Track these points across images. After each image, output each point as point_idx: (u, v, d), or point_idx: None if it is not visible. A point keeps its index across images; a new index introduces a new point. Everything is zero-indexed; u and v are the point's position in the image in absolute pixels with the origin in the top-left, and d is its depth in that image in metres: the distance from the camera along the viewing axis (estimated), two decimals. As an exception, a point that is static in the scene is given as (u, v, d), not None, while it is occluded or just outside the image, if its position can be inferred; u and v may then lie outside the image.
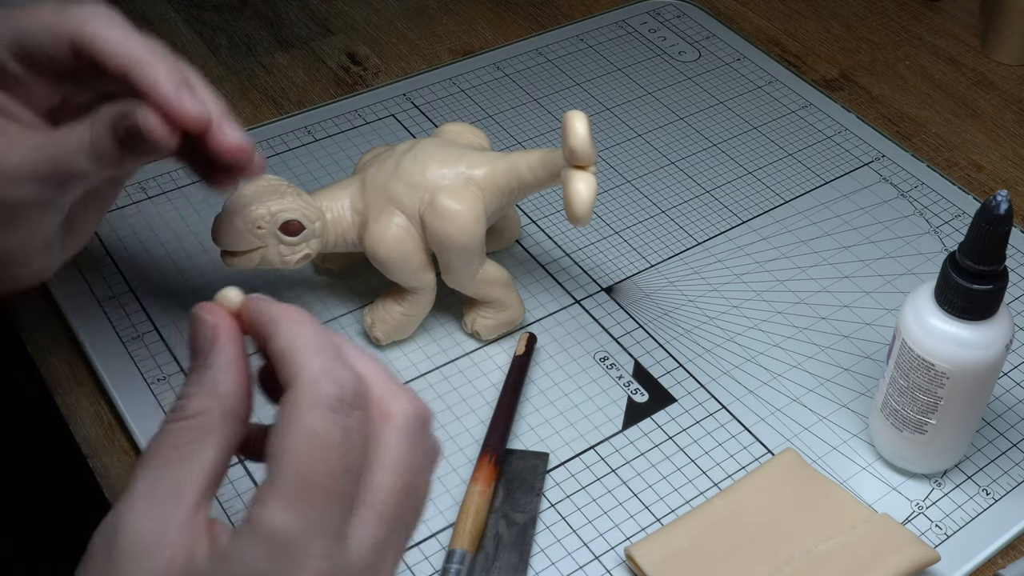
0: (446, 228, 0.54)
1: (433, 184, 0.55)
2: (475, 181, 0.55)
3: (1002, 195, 0.46)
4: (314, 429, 0.34)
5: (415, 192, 0.55)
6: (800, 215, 0.71)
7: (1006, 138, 0.79)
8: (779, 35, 0.89)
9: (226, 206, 0.53)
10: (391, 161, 0.56)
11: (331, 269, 0.62)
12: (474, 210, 0.55)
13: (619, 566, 0.51)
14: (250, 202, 0.53)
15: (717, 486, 0.55)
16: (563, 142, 0.54)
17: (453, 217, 0.54)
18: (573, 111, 0.54)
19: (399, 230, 0.55)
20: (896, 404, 0.53)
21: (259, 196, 0.53)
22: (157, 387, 0.58)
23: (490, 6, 0.90)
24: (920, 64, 0.86)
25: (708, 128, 0.78)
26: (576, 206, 0.53)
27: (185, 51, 0.84)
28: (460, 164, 0.56)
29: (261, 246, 0.54)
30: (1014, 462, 0.57)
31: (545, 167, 0.55)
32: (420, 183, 0.55)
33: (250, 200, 0.53)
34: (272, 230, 0.53)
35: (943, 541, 0.53)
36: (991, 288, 0.48)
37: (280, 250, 0.54)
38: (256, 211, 0.53)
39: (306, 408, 0.34)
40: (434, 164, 0.56)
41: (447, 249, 0.55)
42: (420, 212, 0.55)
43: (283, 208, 0.53)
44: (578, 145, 0.53)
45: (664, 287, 0.65)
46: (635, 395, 0.59)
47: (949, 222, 0.70)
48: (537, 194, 0.71)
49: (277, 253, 0.54)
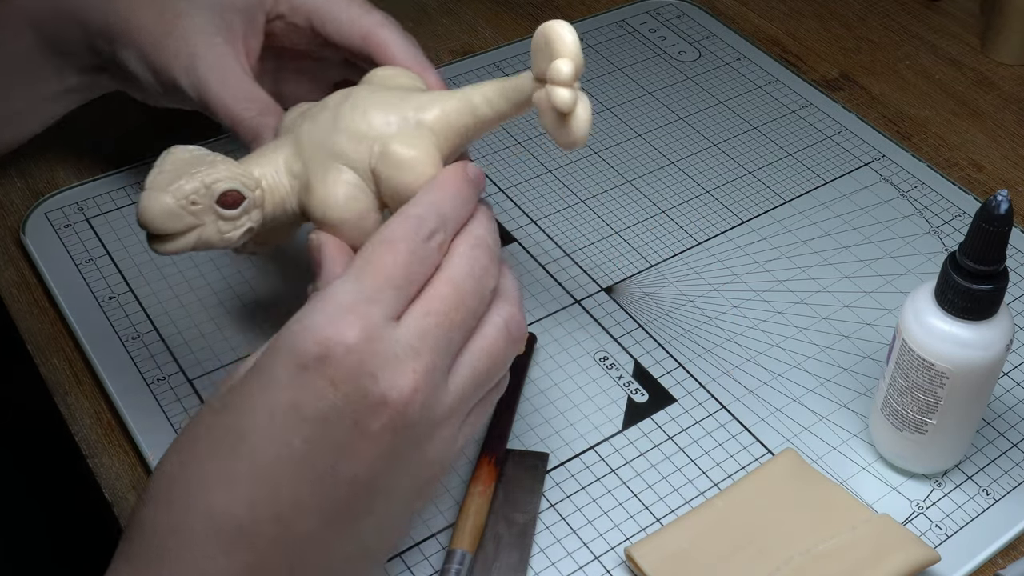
0: (403, 178, 0.47)
1: (381, 132, 0.48)
2: (427, 124, 0.48)
3: (1002, 195, 0.46)
4: (387, 235, 0.42)
5: (361, 144, 0.48)
6: (800, 215, 0.71)
7: (1006, 138, 0.79)
8: (779, 35, 0.89)
9: (148, 184, 0.45)
10: (326, 114, 0.49)
11: (254, 250, 0.54)
12: (430, 155, 0.48)
13: (619, 566, 0.51)
14: (178, 176, 0.45)
15: (717, 486, 0.55)
16: (540, 58, 0.45)
17: (410, 165, 0.47)
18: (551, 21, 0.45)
19: (350, 188, 0.48)
20: (896, 404, 0.53)
21: (184, 168, 0.46)
22: (157, 387, 0.58)
23: (490, 6, 0.90)
24: (920, 64, 0.86)
25: (708, 128, 0.78)
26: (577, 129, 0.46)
27: (185, 51, 0.84)
28: (407, 108, 0.48)
29: (197, 224, 0.46)
30: (1014, 462, 0.57)
31: (506, 97, 0.48)
32: (366, 133, 0.48)
33: (176, 174, 0.45)
34: (209, 204, 0.46)
35: (943, 541, 0.53)
36: (991, 288, 0.48)
37: (220, 227, 0.46)
38: (187, 184, 0.45)
39: (389, 226, 0.42)
40: (378, 111, 0.48)
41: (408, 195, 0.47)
42: (371, 165, 0.48)
43: (218, 178, 0.46)
44: (574, 54, 0.44)
45: (664, 287, 0.65)
46: (635, 395, 0.59)
47: (949, 222, 0.70)
48: (537, 193, 0.71)
49: (216, 231, 0.46)
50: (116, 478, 0.55)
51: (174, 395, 0.58)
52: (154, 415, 0.57)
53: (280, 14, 0.58)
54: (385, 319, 0.40)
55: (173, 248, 0.46)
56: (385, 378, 0.39)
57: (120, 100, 0.65)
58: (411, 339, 0.40)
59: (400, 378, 0.40)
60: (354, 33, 0.56)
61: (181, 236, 0.46)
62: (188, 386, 0.58)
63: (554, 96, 0.45)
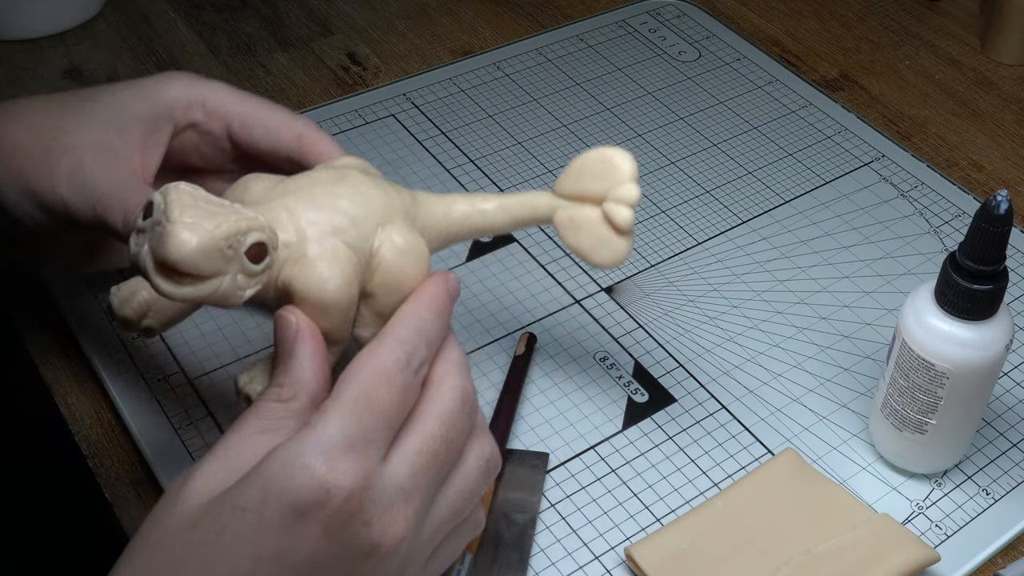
0: (406, 267, 0.44)
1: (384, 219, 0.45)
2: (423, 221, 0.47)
3: (1002, 195, 0.46)
4: (384, 366, 0.40)
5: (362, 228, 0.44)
6: (800, 215, 0.71)
7: (1006, 138, 0.79)
8: (779, 35, 0.89)
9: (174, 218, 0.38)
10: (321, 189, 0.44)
11: (151, 326, 0.45)
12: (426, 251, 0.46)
13: (619, 566, 0.51)
14: (209, 215, 0.39)
15: (717, 486, 0.55)
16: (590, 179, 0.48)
17: (416, 256, 0.45)
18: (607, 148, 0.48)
19: (351, 270, 0.43)
20: (896, 404, 0.53)
21: (209, 208, 0.39)
22: (157, 387, 0.58)
23: (490, 6, 0.90)
24: (920, 64, 0.86)
25: (708, 128, 0.78)
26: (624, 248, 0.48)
27: (185, 51, 0.84)
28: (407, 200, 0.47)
29: (222, 273, 0.39)
30: (1014, 462, 0.57)
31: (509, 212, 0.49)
32: (366, 217, 0.44)
33: (206, 212, 0.39)
34: (238, 254, 0.40)
35: (943, 541, 0.53)
36: (991, 288, 0.48)
37: (239, 281, 0.40)
38: (228, 225, 0.39)
39: (384, 351, 0.40)
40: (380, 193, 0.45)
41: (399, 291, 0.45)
42: (373, 249, 0.44)
43: (253, 227, 0.40)
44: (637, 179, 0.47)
45: (664, 287, 0.65)
46: (635, 395, 0.59)
47: (949, 222, 0.70)
48: (537, 194, 0.71)
49: (235, 285, 0.40)
50: (116, 478, 0.55)
51: (174, 395, 0.58)
52: (154, 415, 0.57)
53: (193, 122, 0.52)
54: (379, 460, 0.39)
55: (186, 294, 0.39)
56: (378, 526, 0.38)
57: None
58: (403, 480, 0.39)
59: (392, 525, 0.38)
60: (287, 135, 0.52)
61: (202, 282, 0.39)
62: (188, 386, 0.58)
63: (618, 214, 0.48)
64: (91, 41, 0.84)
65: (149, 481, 0.55)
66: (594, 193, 0.49)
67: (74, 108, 0.51)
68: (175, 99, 0.51)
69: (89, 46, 0.84)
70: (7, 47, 0.83)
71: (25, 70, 0.81)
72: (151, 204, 0.39)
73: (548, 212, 0.50)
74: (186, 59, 0.83)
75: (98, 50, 0.83)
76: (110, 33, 0.85)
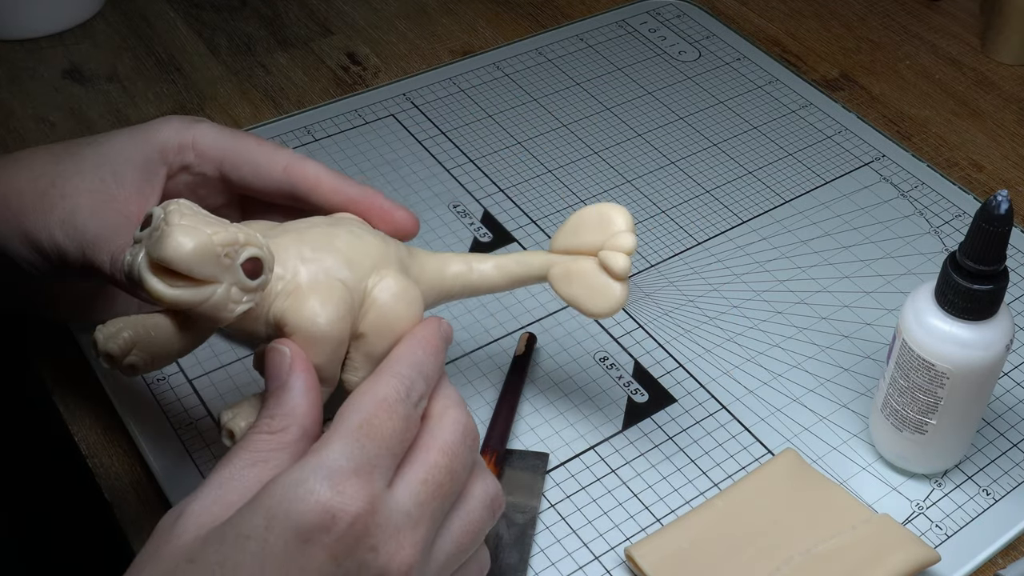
0: (399, 310, 0.45)
1: (379, 263, 0.46)
2: (417, 271, 0.48)
3: (1002, 195, 0.46)
4: (385, 396, 0.40)
5: (359, 270, 0.45)
6: (800, 215, 0.71)
7: (1006, 138, 0.78)
8: (779, 35, 0.89)
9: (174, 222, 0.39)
10: (317, 231, 0.45)
11: (134, 363, 0.43)
12: (420, 298, 0.47)
13: (619, 566, 0.51)
14: (209, 223, 0.39)
15: (717, 486, 0.55)
16: (585, 232, 0.50)
17: (409, 299, 0.45)
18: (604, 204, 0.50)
19: (345, 306, 0.43)
20: (896, 404, 0.53)
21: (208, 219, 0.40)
22: (157, 387, 0.58)
23: (490, 6, 0.90)
24: (920, 64, 0.86)
25: (708, 128, 0.78)
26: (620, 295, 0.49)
27: (185, 51, 0.84)
28: (401, 250, 0.48)
29: (216, 282, 0.40)
30: (1014, 462, 0.57)
31: (505, 272, 0.51)
32: (361, 262, 0.45)
33: (206, 221, 0.40)
34: (234, 264, 0.40)
35: (943, 541, 0.53)
36: (991, 288, 0.48)
37: (232, 294, 0.40)
38: (225, 233, 0.39)
39: (383, 383, 0.41)
40: (377, 240, 0.46)
41: (391, 334, 0.45)
42: (367, 290, 0.45)
43: (250, 241, 0.40)
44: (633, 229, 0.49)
45: (664, 287, 0.65)
46: (635, 395, 0.59)
47: (949, 222, 0.70)
48: (537, 193, 0.71)
49: (228, 297, 0.40)
50: (116, 478, 0.55)
51: (174, 395, 0.58)
52: (154, 415, 0.57)
53: (185, 165, 0.52)
54: (384, 486, 0.39)
55: (178, 295, 0.39)
56: (386, 551, 0.38)
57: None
58: (409, 507, 0.39)
59: (399, 552, 0.38)
60: (274, 167, 0.51)
61: (195, 286, 0.39)
62: (188, 386, 0.58)
63: (615, 261, 0.49)
64: (91, 41, 0.84)
65: (149, 481, 0.55)
66: (590, 246, 0.50)
67: (72, 155, 0.52)
68: (167, 142, 0.52)
69: (89, 46, 0.84)
70: (7, 47, 0.83)
71: (25, 70, 0.81)
72: (150, 216, 0.40)
73: (543, 269, 0.51)
74: (186, 59, 0.83)
75: (98, 50, 0.83)
76: (110, 33, 0.85)
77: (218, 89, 0.80)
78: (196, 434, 0.56)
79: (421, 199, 0.70)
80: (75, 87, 0.80)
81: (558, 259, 0.50)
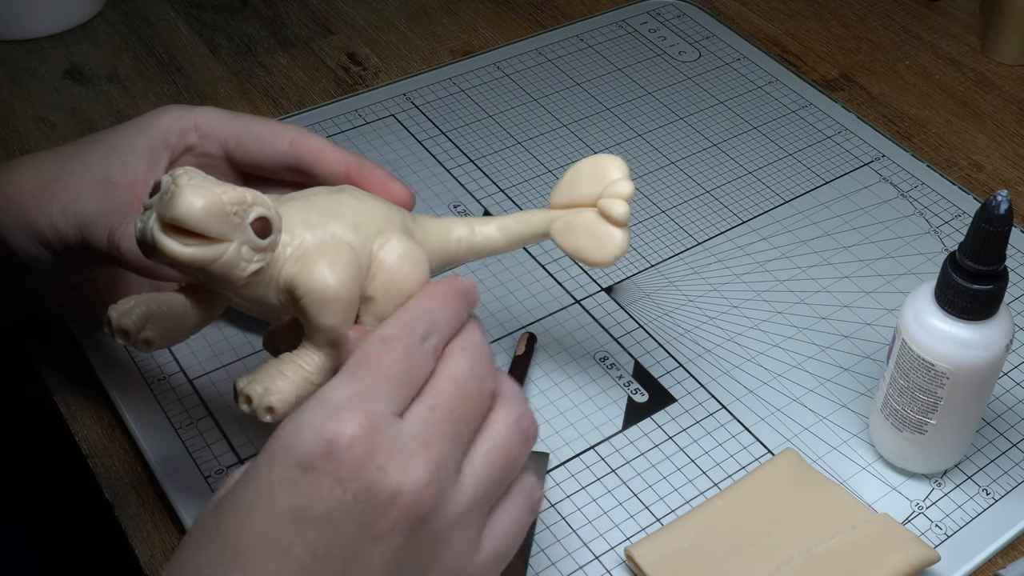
0: (404, 269, 0.45)
1: (384, 226, 0.46)
2: (421, 235, 0.48)
3: (1002, 195, 0.46)
4: (382, 335, 0.41)
5: (364, 232, 0.45)
6: (800, 215, 0.71)
7: (1006, 138, 0.79)
8: (779, 35, 0.89)
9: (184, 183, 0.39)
10: (320, 199, 0.46)
11: (150, 338, 0.44)
12: (425, 260, 0.47)
13: (619, 566, 0.51)
14: (217, 183, 0.40)
15: (717, 486, 0.55)
16: (581, 184, 0.51)
17: (414, 260, 0.46)
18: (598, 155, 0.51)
19: (353, 267, 0.44)
20: (896, 404, 0.53)
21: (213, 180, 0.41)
22: (157, 387, 0.58)
23: (490, 6, 0.90)
24: (920, 64, 0.86)
25: (708, 128, 0.78)
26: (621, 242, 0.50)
27: (185, 51, 0.84)
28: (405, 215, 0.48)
29: (227, 240, 0.40)
30: (1014, 462, 0.57)
31: (507, 231, 0.51)
32: (368, 224, 0.45)
33: (215, 182, 0.40)
34: (243, 223, 0.41)
35: (943, 541, 0.53)
36: (991, 288, 0.48)
37: (243, 253, 0.41)
38: (234, 192, 0.40)
39: (383, 327, 0.41)
40: (381, 206, 0.47)
41: (399, 296, 0.45)
42: (373, 252, 0.45)
43: (258, 201, 0.41)
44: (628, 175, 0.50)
45: (664, 287, 0.65)
46: (635, 395, 0.59)
47: (949, 222, 0.70)
48: (537, 193, 0.71)
49: (240, 256, 0.41)
50: (116, 478, 0.55)
51: (174, 395, 0.58)
52: (154, 415, 0.57)
53: (189, 147, 0.53)
54: (388, 412, 0.38)
55: (191, 254, 0.40)
56: (395, 470, 0.37)
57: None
58: (418, 430, 0.39)
59: (411, 470, 0.37)
60: (279, 141, 0.52)
61: (207, 244, 0.40)
62: (188, 386, 0.58)
63: (614, 207, 0.49)
64: (91, 41, 0.84)
65: (149, 481, 0.55)
66: (588, 197, 0.50)
67: (77, 152, 0.52)
68: (169, 127, 0.52)
69: (89, 46, 0.84)
70: (7, 47, 0.83)
71: (25, 70, 0.81)
72: (158, 184, 0.41)
73: (545, 224, 0.51)
74: (186, 59, 0.83)
75: (98, 50, 0.83)
76: (110, 33, 0.85)
77: (219, 89, 0.80)
78: (196, 434, 0.56)
79: (421, 199, 0.70)
80: (76, 87, 0.80)
81: (559, 214, 0.51)
